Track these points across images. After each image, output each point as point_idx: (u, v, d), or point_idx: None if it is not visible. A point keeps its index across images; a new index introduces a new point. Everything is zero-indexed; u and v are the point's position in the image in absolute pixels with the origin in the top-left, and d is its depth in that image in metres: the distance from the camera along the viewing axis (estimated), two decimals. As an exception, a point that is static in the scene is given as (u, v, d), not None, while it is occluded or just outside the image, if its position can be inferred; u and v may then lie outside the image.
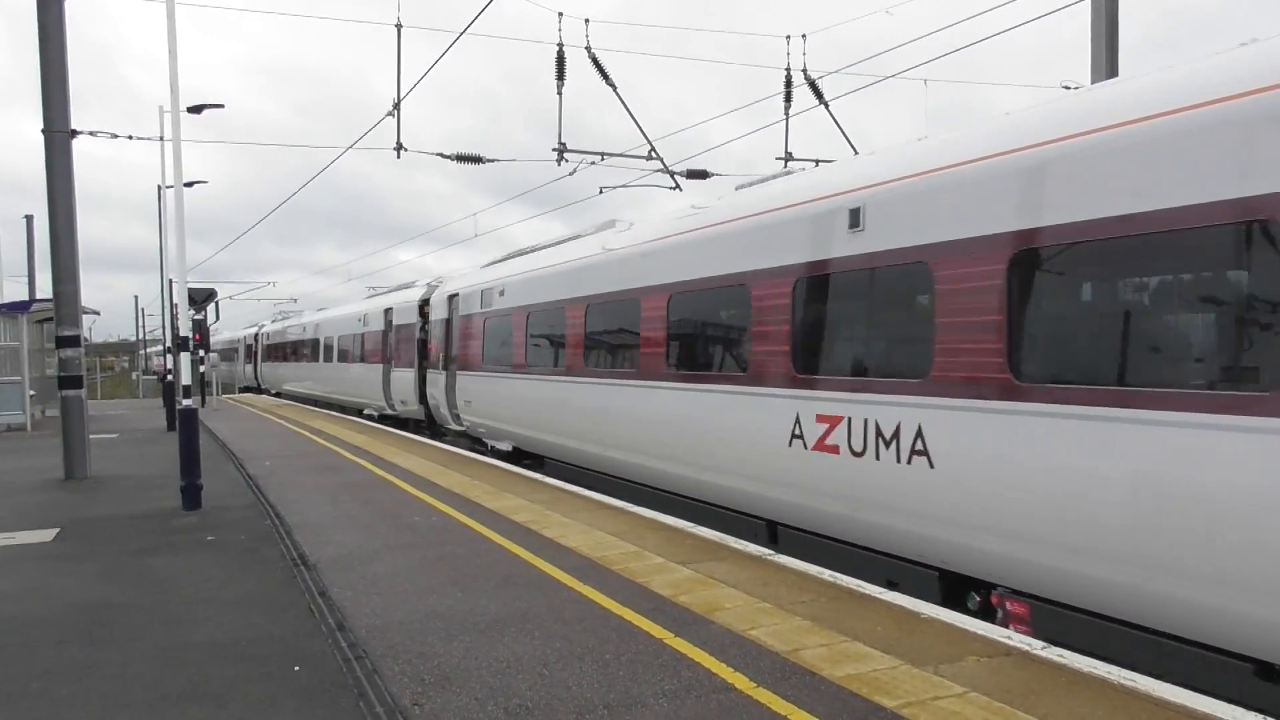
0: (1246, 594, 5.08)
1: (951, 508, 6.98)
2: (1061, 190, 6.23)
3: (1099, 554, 5.89)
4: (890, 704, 5.05)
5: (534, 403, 15.51)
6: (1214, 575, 5.22)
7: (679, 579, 7.77)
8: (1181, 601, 5.45)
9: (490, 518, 10.70)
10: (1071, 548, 6.06)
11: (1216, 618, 5.28)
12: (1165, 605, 5.55)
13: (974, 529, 6.81)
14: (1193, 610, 5.41)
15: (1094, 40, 11.39)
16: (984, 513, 6.72)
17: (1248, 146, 5.16)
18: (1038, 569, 6.40)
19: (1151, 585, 5.58)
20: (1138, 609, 5.76)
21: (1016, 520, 6.46)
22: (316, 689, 5.51)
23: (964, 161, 7.10)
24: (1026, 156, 6.57)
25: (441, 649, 6.12)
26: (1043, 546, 6.29)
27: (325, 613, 7.02)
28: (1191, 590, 5.37)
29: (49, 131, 15.13)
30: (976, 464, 6.76)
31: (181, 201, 12.65)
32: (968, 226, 6.92)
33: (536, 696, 5.27)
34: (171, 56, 12.17)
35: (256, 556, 9.06)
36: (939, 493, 7.09)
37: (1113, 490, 5.76)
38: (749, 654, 5.90)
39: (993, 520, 6.65)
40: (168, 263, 31.04)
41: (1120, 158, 5.87)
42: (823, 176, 9.21)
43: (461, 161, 18.61)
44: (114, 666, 5.98)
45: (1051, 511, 6.17)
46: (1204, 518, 5.25)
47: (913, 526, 7.44)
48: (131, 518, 11.39)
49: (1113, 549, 5.79)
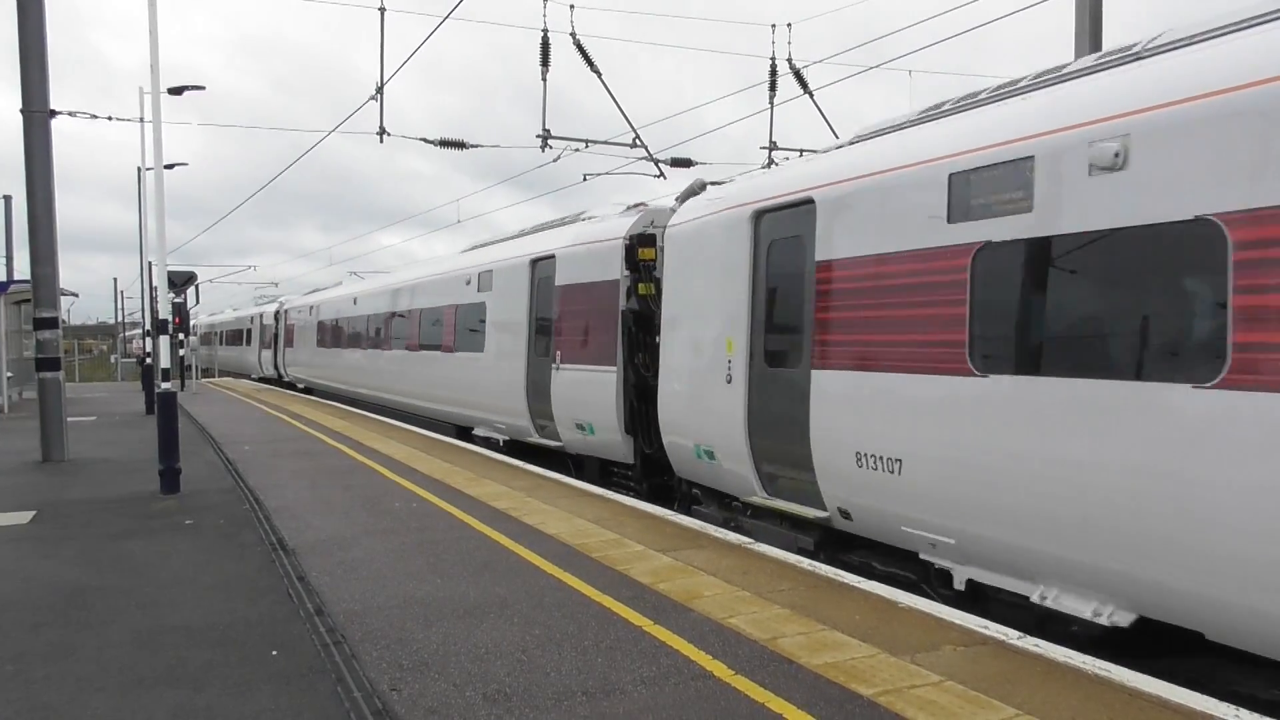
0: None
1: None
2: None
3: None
4: (867, 692, 5.08)
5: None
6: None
7: (658, 567, 7.79)
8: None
9: (470, 504, 10.68)
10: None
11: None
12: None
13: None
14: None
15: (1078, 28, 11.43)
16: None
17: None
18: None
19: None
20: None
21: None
22: (294, 673, 5.50)
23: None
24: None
25: (420, 634, 6.12)
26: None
27: (304, 597, 7.00)
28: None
29: (28, 111, 14.98)
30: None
31: (161, 184, 12.55)
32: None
33: (515, 682, 5.27)
34: (152, 37, 12.05)
35: (235, 541, 9.02)
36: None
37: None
38: (728, 642, 5.92)
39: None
40: (147, 245, 30.80)
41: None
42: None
43: (445, 147, 18.52)
44: (90, 650, 5.95)
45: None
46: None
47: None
48: (109, 501, 11.32)
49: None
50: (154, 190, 12.62)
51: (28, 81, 14.95)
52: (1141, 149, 5.79)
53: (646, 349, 12.46)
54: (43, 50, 15.04)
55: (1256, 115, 5.21)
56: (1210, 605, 5.41)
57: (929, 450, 7.25)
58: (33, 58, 14.95)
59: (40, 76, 15.01)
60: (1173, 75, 5.88)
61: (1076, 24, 11.48)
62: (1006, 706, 4.86)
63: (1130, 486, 5.72)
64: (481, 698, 5.05)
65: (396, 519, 9.89)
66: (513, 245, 17.53)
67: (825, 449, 8.42)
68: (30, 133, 14.99)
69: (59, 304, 15.83)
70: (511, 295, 16.36)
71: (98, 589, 7.37)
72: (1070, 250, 6.28)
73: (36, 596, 7.18)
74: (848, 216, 8.28)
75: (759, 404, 9.63)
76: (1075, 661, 5.47)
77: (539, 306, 15.44)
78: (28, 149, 15.01)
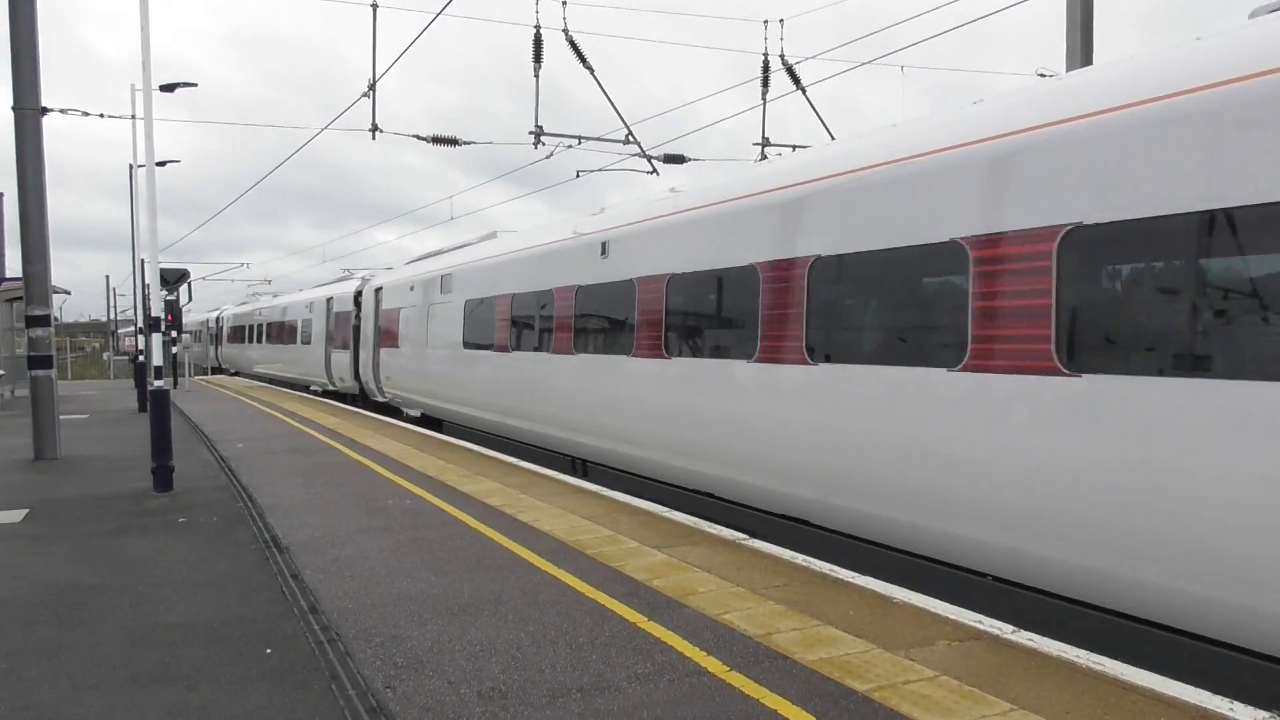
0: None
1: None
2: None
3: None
4: (862, 687, 5.09)
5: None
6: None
7: (653, 563, 7.79)
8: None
9: (464, 501, 10.67)
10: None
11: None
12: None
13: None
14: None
15: (1069, 26, 11.44)
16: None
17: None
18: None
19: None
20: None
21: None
22: (288, 671, 5.49)
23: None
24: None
25: (415, 632, 6.11)
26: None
27: (298, 595, 6.99)
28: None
29: (19, 109, 14.92)
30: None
31: (153, 181, 12.50)
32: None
33: (509, 680, 5.27)
34: (144, 34, 12.00)
35: (228, 538, 9.01)
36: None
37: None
38: (722, 638, 5.92)
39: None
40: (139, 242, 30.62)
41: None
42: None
43: (438, 144, 18.49)
44: (83, 648, 5.93)
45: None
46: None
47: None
48: (102, 499, 11.29)
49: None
50: (145, 187, 12.58)
51: (19, 79, 14.89)
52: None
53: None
54: (34, 48, 14.98)
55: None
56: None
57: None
58: (24, 55, 14.88)
59: (31, 74, 14.95)
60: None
61: (1068, 18, 11.50)
62: (1001, 701, 4.87)
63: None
64: (476, 695, 5.05)
65: (390, 516, 9.88)
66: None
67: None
68: (21, 130, 14.93)
69: (51, 301, 15.78)
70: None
71: (91, 587, 7.35)
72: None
73: (29, 594, 7.16)
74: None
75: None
76: (1069, 655, 5.49)
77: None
78: (19, 146, 14.95)
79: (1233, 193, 5.39)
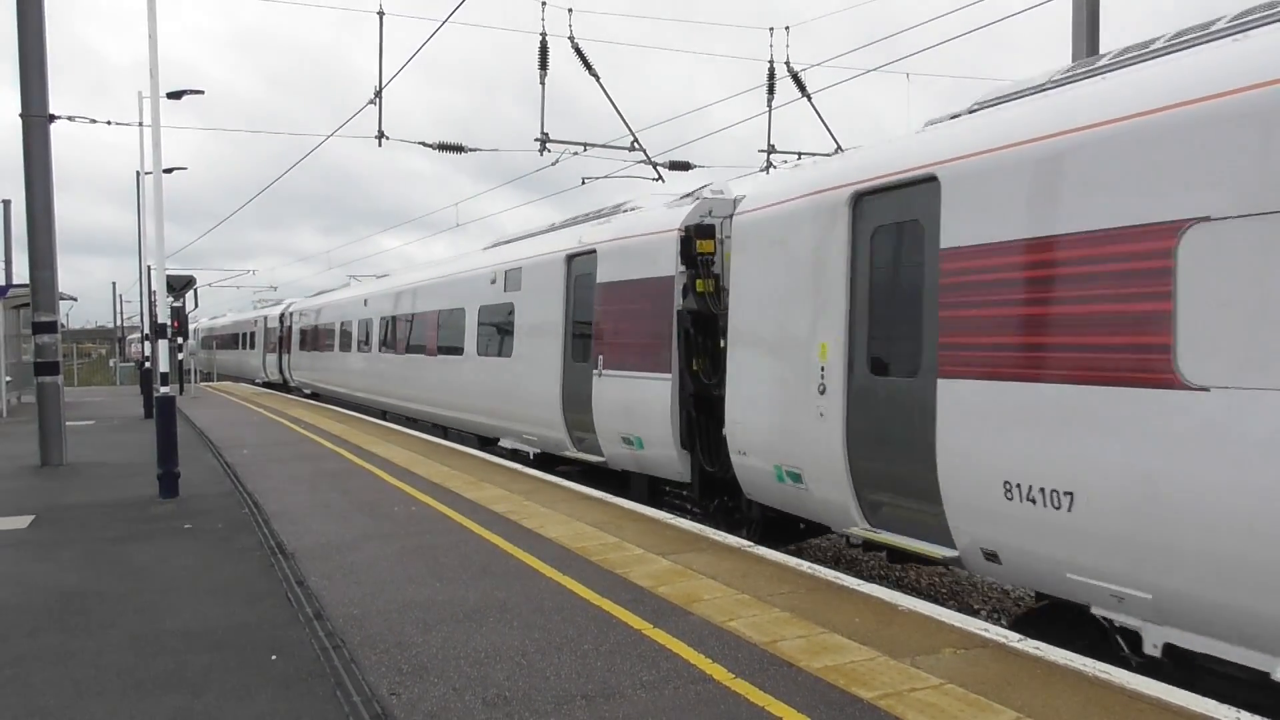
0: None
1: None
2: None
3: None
4: (867, 695, 5.07)
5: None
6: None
7: (658, 570, 7.78)
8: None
9: (469, 507, 10.67)
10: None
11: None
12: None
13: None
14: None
15: (1075, 30, 11.45)
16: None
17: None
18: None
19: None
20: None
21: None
22: (293, 678, 5.49)
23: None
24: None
25: (419, 639, 6.11)
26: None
27: (303, 601, 6.99)
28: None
29: (27, 116, 14.98)
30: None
31: (160, 188, 12.55)
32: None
33: (514, 687, 5.26)
34: (152, 41, 12.05)
35: (234, 545, 9.01)
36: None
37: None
38: (727, 645, 5.91)
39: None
40: (146, 249, 30.76)
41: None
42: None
43: (443, 150, 18.53)
44: (89, 654, 5.94)
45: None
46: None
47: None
48: (108, 505, 11.31)
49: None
50: (153, 194, 12.62)
51: (27, 86, 14.96)
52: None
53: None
54: (42, 55, 15.05)
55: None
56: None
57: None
58: (32, 63, 14.95)
59: (39, 81, 15.02)
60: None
61: (1074, 23, 11.51)
62: (1007, 709, 4.85)
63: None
64: (481, 702, 5.04)
65: (396, 523, 9.88)
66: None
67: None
68: (29, 137, 15.00)
69: (58, 308, 15.83)
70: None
71: (96, 593, 7.36)
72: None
73: (35, 601, 7.17)
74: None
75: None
76: (1075, 664, 5.47)
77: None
78: (27, 153, 15.01)
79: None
